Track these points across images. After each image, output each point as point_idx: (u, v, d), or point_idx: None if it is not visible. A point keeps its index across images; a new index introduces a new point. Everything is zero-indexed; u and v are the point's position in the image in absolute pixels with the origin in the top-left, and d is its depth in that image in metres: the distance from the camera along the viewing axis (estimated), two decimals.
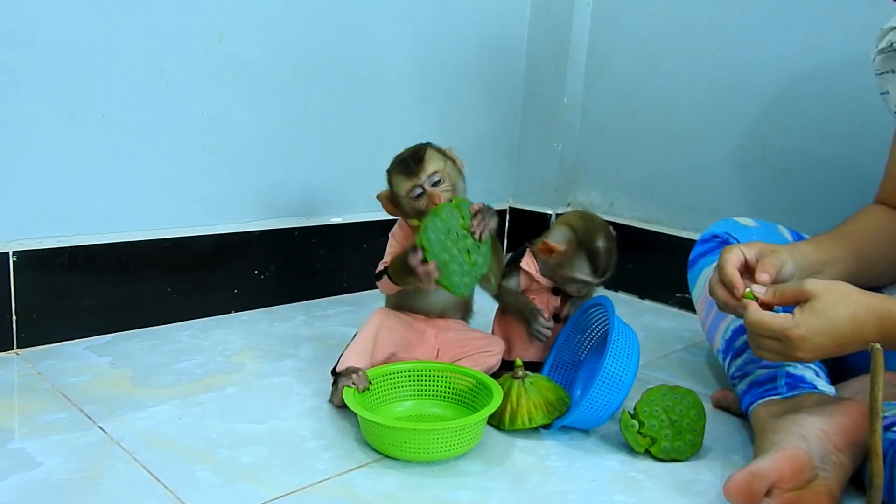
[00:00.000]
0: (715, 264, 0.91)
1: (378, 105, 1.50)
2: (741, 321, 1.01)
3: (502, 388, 0.98)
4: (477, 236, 0.96)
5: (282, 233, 1.39)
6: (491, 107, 1.71)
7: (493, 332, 1.11)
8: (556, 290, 1.07)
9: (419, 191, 0.97)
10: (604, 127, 1.69)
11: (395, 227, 1.05)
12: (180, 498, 0.77)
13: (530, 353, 1.07)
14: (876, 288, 0.98)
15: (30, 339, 1.13)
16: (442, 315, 1.07)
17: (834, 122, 1.35)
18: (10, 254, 1.09)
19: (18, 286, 1.10)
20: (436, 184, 0.97)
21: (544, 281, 1.06)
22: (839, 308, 0.78)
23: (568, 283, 1.04)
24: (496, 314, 1.12)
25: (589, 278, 1.02)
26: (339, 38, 1.41)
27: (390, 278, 0.99)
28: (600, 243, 1.01)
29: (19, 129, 1.08)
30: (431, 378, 1.01)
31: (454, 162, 1.01)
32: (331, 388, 1.01)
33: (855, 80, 1.31)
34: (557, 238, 1.03)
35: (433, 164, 0.98)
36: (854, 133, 1.32)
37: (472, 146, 1.68)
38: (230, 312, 1.34)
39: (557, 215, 1.74)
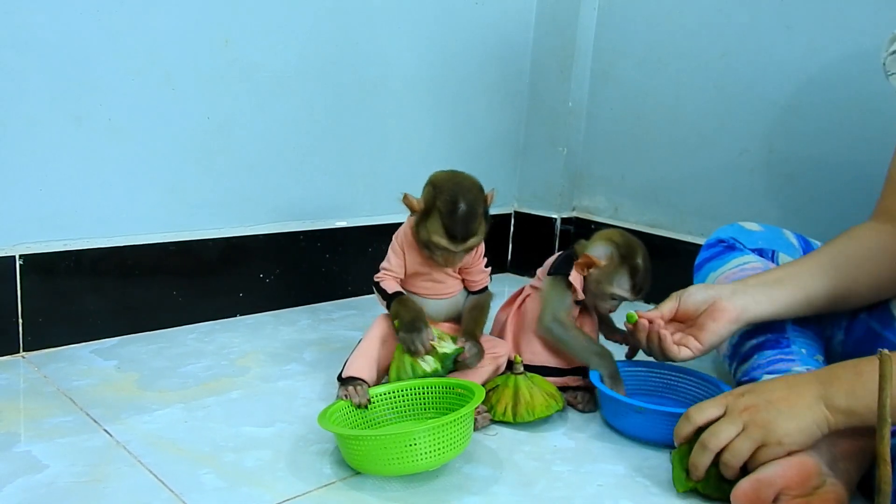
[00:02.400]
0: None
1: (383, 109, 1.50)
2: (748, 327, 1.01)
3: (506, 384, 0.98)
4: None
5: (287, 236, 1.39)
6: (496, 111, 1.72)
7: (499, 334, 1.11)
8: (576, 302, 1.07)
9: (446, 252, 0.97)
10: (609, 131, 1.69)
11: (401, 235, 1.02)
12: (185, 501, 0.77)
13: (549, 359, 1.07)
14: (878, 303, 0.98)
15: (36, 342, 1.13)
16: (447, 320, 1.06)
17: (839, 127, 1.35)
18: (17, 257, 1.10)
19: (24, 289, 1.11)
20: (463, 250, 0.97)
21: (581, 296, 1.05)
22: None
23: (603, 300, 1.04)
24: (509, 316, 1.11)
25: (627, 294, 1.03)
26: (345, 43, 1.41)
27: (388, 302, 1.00)
28: (640, 260, 1.02)
29: (25, 132, 1.09)
30: (407, 397, 0.96)
31: (487, 221, 1.00)
32: (337, 393, 1.00)
33: (861, 85, 1.31)
34: (599, 253, 1.03)
35: (474, 241, 0.97)
36: (860, 138, 1.32)
37: (476, 150, 1.68)
38: (235, 316, 1.34)
39: (563, 220, 1.74)
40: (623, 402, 0.96)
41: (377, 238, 1.50)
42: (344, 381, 0.96)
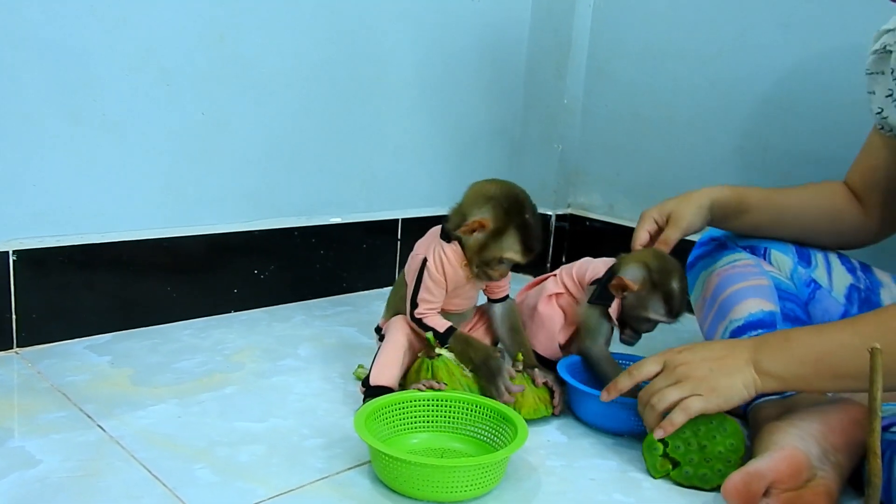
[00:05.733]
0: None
1: (379, 106, 1.50)
2: (739, 322, 1.01)
3: None
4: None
5: (281, 233, 1.39)
6: (491, 108, 1.72)
7: None
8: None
9: (510, 265, 0.98)
10: (604, 129, 1.69)
11: (439, 263, 0.99)
12: (179, 496, 0.77)
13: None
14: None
15: (29, 338, 1.13)
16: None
17: (834, 125, 1.35)
18: (10, 253, 1.09)
19: (18, 285, 1.10)
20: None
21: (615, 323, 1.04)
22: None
23: (639, 322, 1.01)
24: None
25: (664, 319, 0.99)
26: (341, 39, 1.41)
27: (442, 341, 0.98)
28: (675, 284, 0.98)
29: (20, 128, 1.09)
30: (449, 409, 0.93)
31: None
32: (363, 402, 0.94)
33: (855, 83, 1.30)
34: (633, 276, 0.99)
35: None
36: (854, 135, 1.32)
37: (472, 147, 1.68)
38: (230, 312, 1.34)
39: (558, 217, 1.74)
40: (587, 392, 0.97)
41: (372, 235, 1.50)
42: (373, 387, 0.95)
